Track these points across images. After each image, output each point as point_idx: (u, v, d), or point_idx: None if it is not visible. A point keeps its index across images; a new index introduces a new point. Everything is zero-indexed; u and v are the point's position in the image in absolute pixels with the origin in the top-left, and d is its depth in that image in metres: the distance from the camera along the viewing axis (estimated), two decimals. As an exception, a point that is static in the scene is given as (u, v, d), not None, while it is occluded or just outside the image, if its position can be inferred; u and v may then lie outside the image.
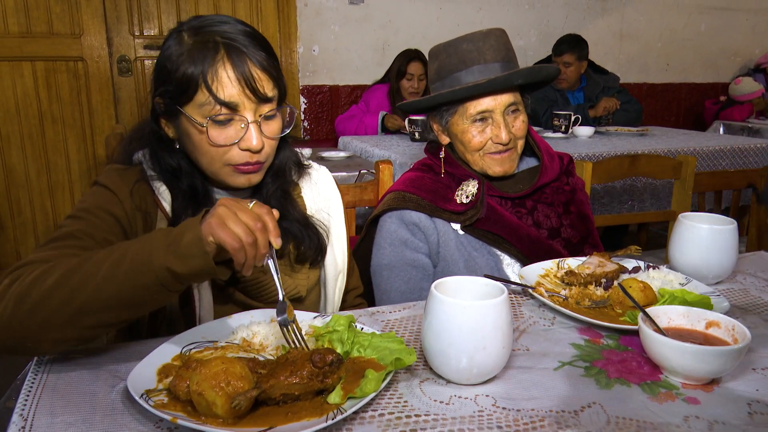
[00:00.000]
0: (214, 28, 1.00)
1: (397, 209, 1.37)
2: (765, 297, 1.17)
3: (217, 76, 0.98)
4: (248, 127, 1.01)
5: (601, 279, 1.17)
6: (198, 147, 1.02)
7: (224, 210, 0.81)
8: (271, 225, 0.83)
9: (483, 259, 1.36)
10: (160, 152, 1.07)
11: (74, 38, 3.56)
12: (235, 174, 1.05)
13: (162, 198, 1.06)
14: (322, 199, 1.24)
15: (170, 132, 1.06)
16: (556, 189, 1.43)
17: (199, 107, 0.99)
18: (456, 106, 1.34)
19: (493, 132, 1.32)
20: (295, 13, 3.94)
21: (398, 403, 0.79)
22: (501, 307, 0.82)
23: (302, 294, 1.15)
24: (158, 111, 1.05)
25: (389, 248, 1.36)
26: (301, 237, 1.15)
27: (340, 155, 2.80)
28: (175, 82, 0.99)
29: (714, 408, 0.80)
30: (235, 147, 1.01)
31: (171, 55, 1.00)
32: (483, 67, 1.30)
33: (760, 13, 5.31)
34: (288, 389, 0.75)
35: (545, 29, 4.61)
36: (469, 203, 1.35)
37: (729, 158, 2.92)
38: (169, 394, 0.78)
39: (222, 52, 0.98)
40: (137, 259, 0.80)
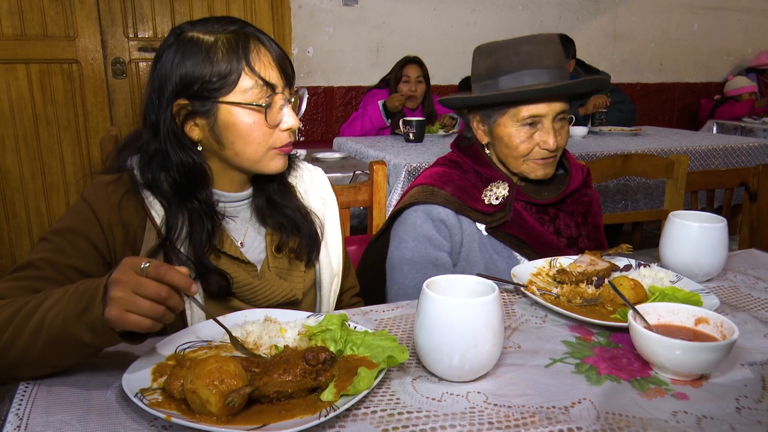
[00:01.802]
0: (228, 25, 1.03)
1: (424, 203, 1.35)
2: (755, 294, 1.19)
3: (259, 60, 1.02)
4: (284, 107, 1.05)
5: (592, 277, 1.18)
6: (245, 135, 1.03)
7: (120, 294, 0.75)
8: (177, 280, 0.76)
9: (504, 262, 1.35)
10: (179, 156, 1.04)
11: (69, 40, 3.56)
12: (277, 157, 1.08)
13: (152, 209, 1.04)
14: (317, 200, 1.24)
15: (196, 133, 1.05)
16: (577, 199, 1.43)
17: (244, 92, 1.01)
18: (508, 107, 1.32)
19: (542, 138, 1.31)
20: (289, 15, 3.95)
21: (390, 400, 0.80)
22: (492, 305, 0.83)
23: (298, 297, 1.15)
24: (183, 115, 1.03)
25: (412, 243, 1.34)
26: (302, 227, 1.16)
27: (335, 156, 2.81)
28: (214, 76, 1.00)
29: (702, 403, 0.81)
30: (278, 130, 1.06)
31: (195, 54, 1.00)
32: (544, 71, 1.30)
33: (753, 13, 5.35)
34: (281, 387, 0.76)
35: (539, 30, 4.63)
36: (498, 205, 1.34)
37: (722, 157, 2.94)
38: (163, 392, 0.78)
39: (253, 40, 1.03)
40: (53, 326, 0.79)
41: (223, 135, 1.04)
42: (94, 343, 0.79)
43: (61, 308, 0.79)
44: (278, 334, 0.92)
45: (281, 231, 1.15)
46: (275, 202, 1.15)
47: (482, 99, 1.33)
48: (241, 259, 1.10)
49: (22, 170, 3.60)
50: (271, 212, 1.15)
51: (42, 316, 0.80)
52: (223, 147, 1.05)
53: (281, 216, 1.15)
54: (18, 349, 0.81)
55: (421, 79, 3.56)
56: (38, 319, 0.80)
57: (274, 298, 1.11)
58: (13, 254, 3.63)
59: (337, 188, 1.77)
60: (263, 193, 1.15)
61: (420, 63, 3.58)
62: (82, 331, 0.77)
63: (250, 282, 1.08)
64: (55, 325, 0.78)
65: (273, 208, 1.15)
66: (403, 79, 3.55)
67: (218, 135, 1.04)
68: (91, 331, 0.77)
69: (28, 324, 0.81)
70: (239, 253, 1.10)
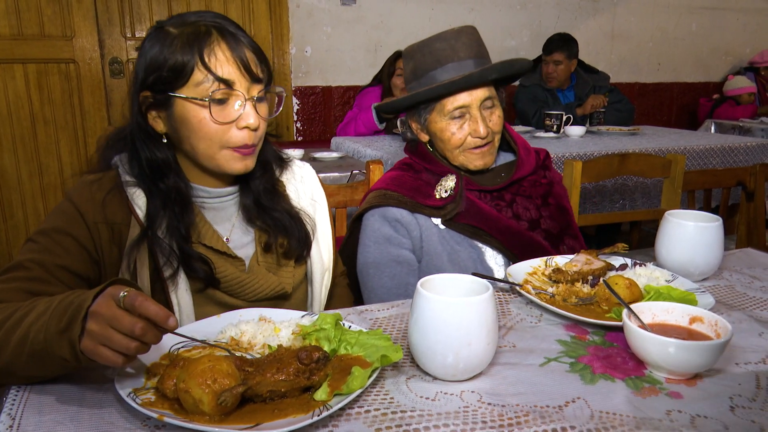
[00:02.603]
0: (200, 18, 1.03)
1: (379, 206, 1.38)
2: (750, 293, 1.19)
3: (214, 55, 1.01)
4: (245, 105, 1.03)
5: (588, 276, 1.18)
6: (197, 130, 1.03)
7: (95, 327, 0.74)
8: (152, 312, 0.73)
9: (465, 252, 1.38)
10: (145, 148, 1.06)
11: (66, 40, 3.55)
12: (233, 159, 1.06)
13: (136, 205, 1.05)
14: (306, 196, 1.25)
15: (159, 125, 1.06)
16: (534, 182, 1.46)
17: (196, 86, 1.01)
18: (433, 103, 1.36)
19: (471, 127, 1.34)
20: (287, 14, 3.95)
21: (384, 399, 0.80)
22: (486, 303, 0.83)
23: (287, 290, 1.15)
24: (146, 105, 1.05)
25: (374, 246, 1.38)
26: (290, 229, 1.16)
27: (333, 156, 2.81)
28: (168, 69, 1.00)
29: (696, 402, 0.81)
30: (233, 127, 1.03)
31: (160, 46, 1.01)
32: (457, 64, 1.33)
33: (751, 12, 5.35)
34: (274, 386, 0.76)
35: (537, 29, 4.64)
36: (448, 198, 1.37)
37: (719, 157, 2.94)
38: (156, 392, 0.78)
39: (215, 34, 1.02)
40: (36, 342, 0.78)
41: (178, 129, 1.05)
42: (74, 363, 0.78)
43: (44, 323, 0.78)
44: (272, 333, 0.92)
45: (268, 233, 1.15)
46: (263, 205, 1.15)
47: (406, 100, 1.37)
48: (228, 253, 1.10)
49: (20, 170, 3.59)
50: (259, 214, 1.15)
51: (27, 330, 0.80)
52: (180, 141, 1.06)
53: (268, 218, 1.15)
54: (4, 360, 0.81)
55: None
56: (23, 332, 0.80)
57: (263, 292, 1.11)
58: (11, 254, 3.63)
59: (334, 187, 1.77)
60: (251, 192, 1.15)
61: None
62: (63, 349, 0.76)
63: (237, 276, 1.09)
64: (38, 340, 0.78)
65: (260, 209, 1.15)
66: (397, 72, 3.55)
67: (175, 128, 1.05)
68: (71, 350, 0.76)
69: (14, 335, 0.81)
70: (226, 247, 1.10)
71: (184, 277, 1.05)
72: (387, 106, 1.44)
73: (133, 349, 0.74)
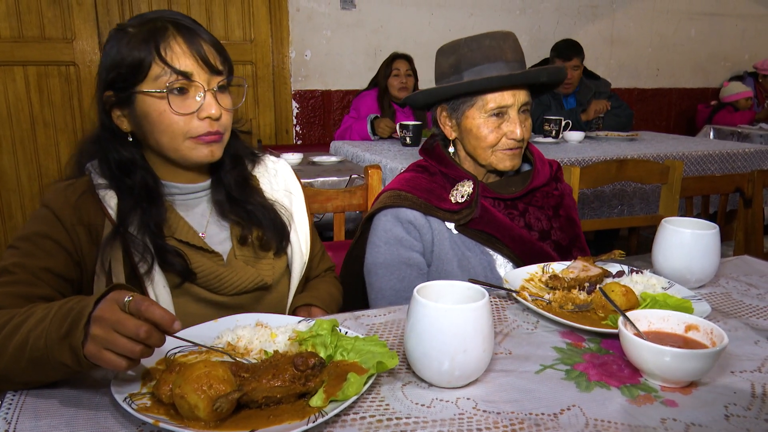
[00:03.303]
0: (157, 15, 1.06)
1: (392, 207, 1.38)
2: (746, 300, 1.19)
3: (170, 48, 1.03)
4: (205, 95, 1.05)
5: (584, 283, 1.18)
6: (158, 123, 1.05)
7: (99, 332, 0.75)
8: (157, 316, 0.74)
9: (476, 258, 1.37)
10: (112, 148, 1.08)
11: (66, 43, 3.56)
12: (198, 147, 1.07)
13: (108, 205, 1.06)
14: (281, 189, 1.26)
15: (124, 124, 1.08)
16: (546, 193, 1.45)
17: (155, 80, 1.03)
18: (475, 98, 1.35)
19: (509, 128, 1.34)
20: (287, 18, 3.96)
21: (380, 406, 0.80)
22: (481, 310, 0.83)
23: (267, 282, 1.16)
24: (109, 105, 1.07)
25: (384, 246, 1.37)
26: (264, 222, 1.18)
27: (332, 160, 2.81)
28: (127, 66, 1.02)
29: (691, 410, 0.81)
30: (195, 118, 1.05)
31: (118, 46, 1.04)
32: (505, 64, 1.34)
33: (750, 18, 5.37)
34: (270, 392, 0.76)
35: (536, 35, 4.65)
36: (464, 203, 1.36)
37: (717, 163, 2.95)
38: (152, 397, 0.78)
39: (171, 29, 1.04)
40: (36, 348, 0.78)
41: (141, 124, 1.07)
42: (76, 368, 0.78)
43: (44, 329, 0.79)
44: (269, 338, 0.92)
45: (242, 225, 1.16)
46: (235, 198, 1.16)
47: (450, 90, 1.35)
48: (204, 248, 1.11)
49: (19, 172, 3.60)
50: (231, 207, 1.16)
51: (25, 336, 0.80)
52: (145, 137, 1.08)
53: (241, 211, 1.17)
54: (1, 367, 0.81)
55: (410, 72, 3.59)
56: (22, 338, 0.80)
57: (242, 285, 1.12)
58: (9, 256, 3.62)
59: (332, 192, 1.78)
60: (222, 186, 1.16)
61: (408, 58, 3.60)
62: (64, 355, 0.77)
63: (214, 270, 1.10)
64: (38, 347, 0.78)
65: (233, 203, 1.17)
66: (393, 72, 3.56)
67: (139, 124, 1.07)
68: (73, 355, 0.77)
69: (12, 342, 0.81)
70: (201, 242, 1.11)
71: (160, 272, 1.06)
72: (424, 94, 1.41)
73: (138, 352, 0.75)
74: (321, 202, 1.75)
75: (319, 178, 2.40)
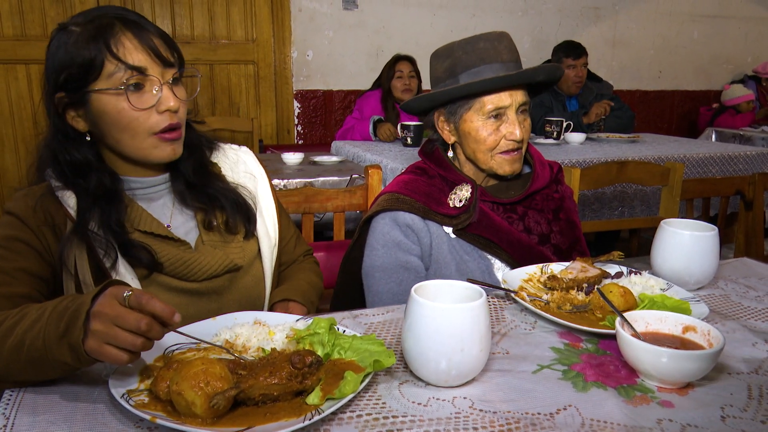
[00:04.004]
0: (102, 12, 1.04)
1: (390, 210, 1.37)
2: (745, 302, 1.19)
3: (121, 44, 1.02)
4: (162, 89, 1.05)
5: (583, 284, 1.18)
6: (117, 121, 1.04)
7: (100, 327, 0.75)
8: (158, 309, 0.76)
9: (474, 263, 1.37)
10: (63, 151, 1.07)
11: (69, 41, 3.57)
12: (160, 145, 1.07)
13: (68, 205, 1.06)
14: (243, 175, 1.27)
15: (80, 124, 1.07)
16: (546, 196, 1.45)
17: (109, 78, 1.02)
18: (472, 101, 1.34)
19: (508, 129, 1.34)
20: (289, 18, 3.97)
21: (376, 404, 0.81)
22: (479, 310, 0.83)
23: (238, 264, 1.16)
24: (62, 106, 1.06)
25: (382, 249, 1.37)
26: (227, 205, 1.18)
27: (333, 160, 2.82)
28: (78, 65, 1.01)
29: (687, 412, 0.81)
30: (153, 113, 1.05)
31: (64, 45, 1.02)
32: (501, 65, 1.33)
33: (753, 21, 5.36)
34: (267, 390, 0.76)
35: (538, 36, 4.65)
36: (462, 207, 1.36)
37: (719, 165, 2.95)
38: (150, 394, 0.79)
39: (119, 25, 1.03)
40: (34, 348, 0.79)
41: (99, 123, 1.06)
42: (76, 365, 0.79)
43: (40, 329, 0.79)
44: (267, 336, 0.92)
45: (205, 210, 1.17)
46: (194, 184, 1.17)
47: (446, 93, 1.34)
48: (170, 236, 1.11)
49: (21, 170, 3.60)
50: (192, 194, 1.17)
51: (21, 338, 0.80)
52: (103, 135, 1.07)
53: (203, 196, 1.17)
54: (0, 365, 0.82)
55: (413, 74, 3.58)
56: (17, 340, 0.80)
57: (211, 269, 1.12)
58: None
59: (332, 192, 1.78)
60: (181, 175, 1.16)
61: (411, 60, 3.59)
62: (63, 353, 0.77)
63: (181, 257, 1.10)
64: (36, 346, 0.79)
65: (193, 190, 1.17)
66: (397, 74, 3.55)
67: (95, 123, 1.06)
68: (72, 353, 0.77)
69: (6, 345, 0.81)
70: (167, 231, 1.12)
71: (126, 264, 1.06)
72: (420, 100, 1.41)
73: (139, 345, 0.76)
74: (321, 202, 1.76)
75: (320, 178, 2.41)
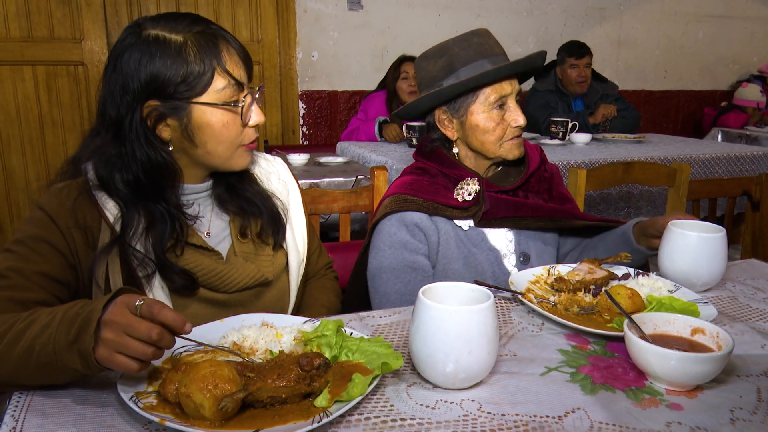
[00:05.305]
0: (195, 22, 1.04)
1: (398, 212, 1.38)
2: (753, 304, 1.19)
3: (229, 59, 1.04)
4: (253, 103, 1.09)
5: (590, 285, 1.18)
6: (219, 134, 1.06)
7: (111, 335, 0.75)
8: (170, 319, 0.76)
9: (483, 255, 1.39)
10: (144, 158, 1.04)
11: (75, 43, 3.58)
12: (245, 154, 1.13)
13: (105, 207, 1.05)
14: (276, 185, 1.27)
15: (166, 133, 1.06)
16: (539, 177, 1.49)
17: (219, 92, 1.04)
18: (476, 93, 1.36)
19: (511, 117, 1.37)
20: (294, 19, 3.97)
21: (384, 407, 0.81)
22: (486, 312, 0.83)
23: (268, 278, 1.17)
24: (155, 116, 1.03)
25: (389, 250, 1.37)
26: (263, 210, 1.19)
27: (338, 160, 2.82)
28: (185, 77, 1.01)
29: (696, 414, 0.80)
30: (247, 126, 1.09)
31: (164, 55, 1.00)
32: (496, 57, 1.37)
33: (758, 21, 5.34)
34: (275, 392, 0.76)
35: (543, 36, 4.64)
36: (472, 200, 1.37)
37: (725, 166, 2.93)
38: (158, 396, 0.79)
39: (222, 39, 1.05)
40: (44, 354, 0.79)
41: (195, 135, 1.06)
42: (86, 372, 0.79)
43: (51, 335, 0.79)
44: (274, 338, 0.92)
45: (243, 215, 1.17)
46: (234, 188, 1.18)
47: (451, 89, 1.34)
48: (205, 247, 1.12)
49: (27, 171, 3.62)
50: (231, 198, 1.18)
51: (31, 343, 0.80)
52: (194, 146, 1.07)
53: (241, 200, 1.18)
54: (6, 373, 0.82)
55: None
56: (27, 345, 0.80)
57: (243, 281, 1.13)
58: (17, 254, 3.65)
59: (338, 193, 1.78)
60: (222, 181, 1.18)
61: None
62: (73, 360, 0.78)
63: (214, 268, 1.10)
64: (46, 352, 0.79)
65: (232, 193, 1.18)
66: (402, 75, 3.55)
67: (191, 135, 1.06)
68: (82, 360, 0.77)
69: (16, 349, 0.81)
70: (203, 242, 1.12)
71: (161, 280, 1.06)
72: (425, 100, 1.40)
73: (150, 354, 0.76)
74: (327, 203, 1.76)
75: (325, 179, 2.41)
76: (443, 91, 1.36)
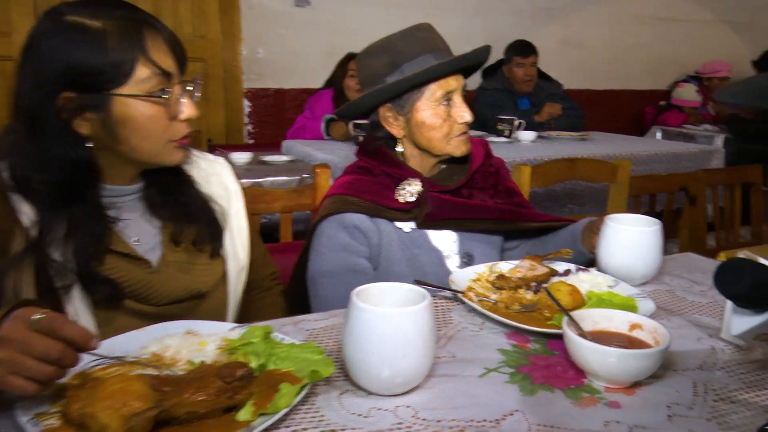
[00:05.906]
0: (118, 8, 0.97)
1: (338, 213, 1.33)
2: (690, 297, 1.20)
3: (155, 48, 0.96)
4: (182, 96, 1.01)
5: (531, 282, 1.16)
6: (143, 128, 0.97)
7: (4, 355, 0.68)
8: (73, 333, 0.70)
9: (426, 256, 1.36)
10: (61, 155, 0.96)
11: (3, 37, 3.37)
12: (176, 150, 1.03)
13: (20, 210, 0.96)
14: (216, 188, 1.19)
15: (84, 128, 0.97)
16: (484, 173, 1.46)
17: (140, 82, 0.95)
18: (422, 89, 1.32)
19: (457, 113, 1.33)
20: (238, 15, 3.86)
21: (314, 417, 0.76)
22: (421, 314, 0.79)
23: (202, 290, 1.09)
24: (72, 108, 0.95)
25: (329, 253, 1.32)
26: (199, 215, 1.11)
27: (283, 159, 2.75)
28: (102, 67, 0.92)
29: (635, 412, 0.79)
30: (176, 120, 1.01)
31: (82, 42, 0.92)
32: (441, 52, 1.33)
33: (697, 24, 5.55)
34: (193, 407, 0.71)
35: (492, 36, 4.66)
36: (414, 201, 1.33)
37: (665, 162, 3.02)
38: (62, 417, 0.71)
39: (148, 26, 0.97)
40: None
41: (117, 130, 0.97)
42: None
43: None
44: (198, 348, 0.86)
45: (176, 220, 1.09)
46: (168, 191, 1.09)
47: (396, 85, 1.30)
48: (133, 255, 1.03)
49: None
50: (165, 202, 1.09)
51: None
52: (117, 142, 0.99)
53: (176, 205, 1.09)
54: None
55: None
56: None
57: (173, 293, 1.05)
58: None
59: (279, 192, 1.72)
60: (154, 184, 1.09)
61: None
62: None
63: (142, 278, 1.02)
64: None
65: (166, 197, 1.09)
66: (349, 73, 3.50)
67: (112, 130, 0.97)
68: None
69: None
70: (130, 249, 1.03)
71: (82, 289, 0.98)
72: (368, 98, 1.35)
73: (50, 375, 0.69)
74: (267, 202, 1.69)
75: (269, 178, 2.34)
76: (387, 87, 1.31)
